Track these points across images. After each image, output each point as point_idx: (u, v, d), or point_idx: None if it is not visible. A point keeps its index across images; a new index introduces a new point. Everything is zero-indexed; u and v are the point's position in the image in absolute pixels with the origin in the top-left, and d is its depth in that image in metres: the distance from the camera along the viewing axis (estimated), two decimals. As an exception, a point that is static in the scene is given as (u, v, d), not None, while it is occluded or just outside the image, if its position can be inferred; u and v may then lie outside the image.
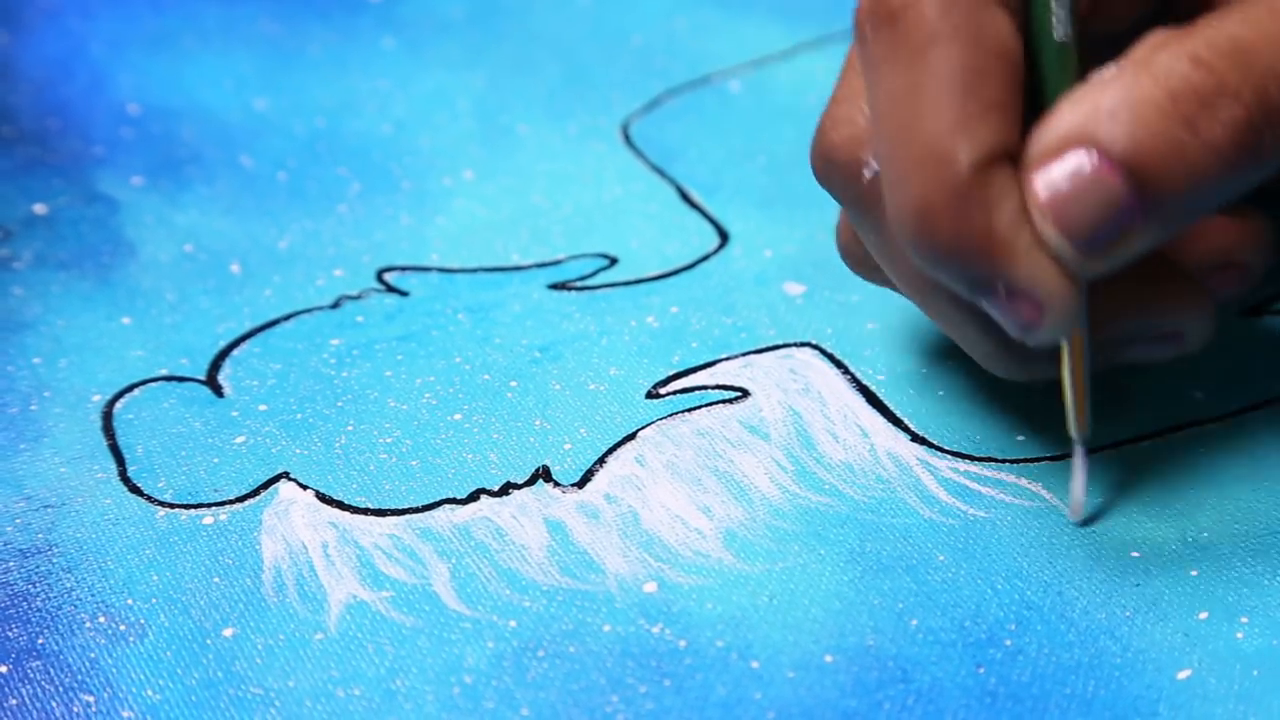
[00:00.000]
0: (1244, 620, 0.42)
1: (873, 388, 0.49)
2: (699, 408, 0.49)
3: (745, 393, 0.49)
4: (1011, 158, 0.42)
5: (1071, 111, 0.41)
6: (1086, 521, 0.45)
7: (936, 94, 0.41)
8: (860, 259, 0.48)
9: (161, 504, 0.47)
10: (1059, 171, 0.41)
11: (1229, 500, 0.45)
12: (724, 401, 0.49)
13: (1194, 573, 0.44)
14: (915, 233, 0.42)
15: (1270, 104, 0.41)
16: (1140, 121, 0.40)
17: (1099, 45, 0.43)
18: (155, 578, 0.45)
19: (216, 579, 0.45)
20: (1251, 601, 0.43)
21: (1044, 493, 0.46)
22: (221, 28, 0.65)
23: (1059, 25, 0.43)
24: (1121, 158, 0.40)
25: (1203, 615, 0.43)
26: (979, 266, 0.42)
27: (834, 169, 0.45)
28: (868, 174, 0.44)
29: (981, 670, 0.42)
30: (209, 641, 0.43)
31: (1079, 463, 0.45)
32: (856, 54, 0.45)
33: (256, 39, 0.65)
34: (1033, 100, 0.42)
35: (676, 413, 0.49)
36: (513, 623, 0.43)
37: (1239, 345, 0.50)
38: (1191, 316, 0.45)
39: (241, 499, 0.47)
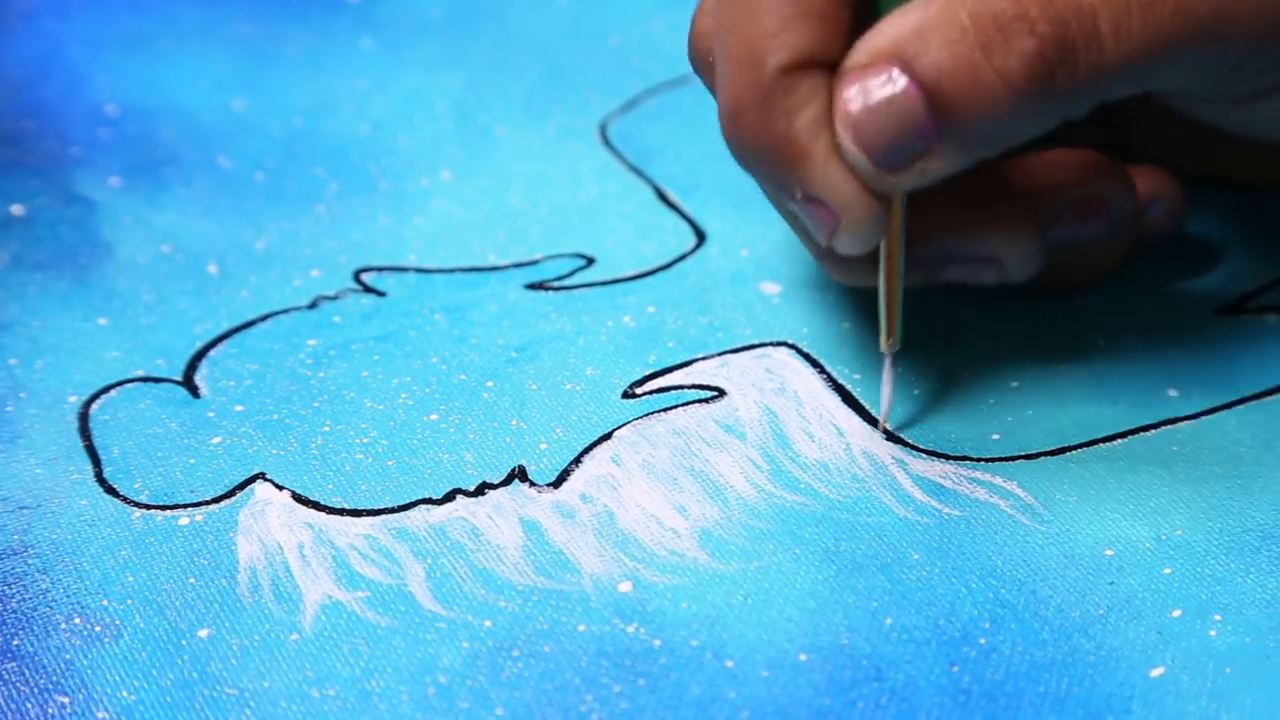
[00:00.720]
0: (1217, 618, 0.42)
1: (848, 387, 0.49)
2: (675, 407, 0.49)
3: (721, 392, 0.49)
4: (830, 66, 0.42)
5: (890, 27, 0.42)
6: (1058, 522, 0.45)
7: None
8: None
9: (137, 505, 0.47)
10: (865, 85, 0.42)
11: (1203, 498, 0.45)
12: (700, 401, 0.49)
13: (1167, 571, 0.44)
14: (727, 130, 0.43)
15: (1065, 39, 0.41)
16: (944, 44, 0.41)
17: None
18: (131, 579, 0.45)
19: (192, 580, 0.45)
20: (1225, 599, 0.43)
21: (1019, 491, 0.46)
22: (199, 28, 0.65)
23: None
24: (923, 78, 0.41)
25: (1176, 613, 0.43)
26: (778, 169, 0.43)
27: (695, 54, 0.47)
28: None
29: (955, 669, 0.42)
30: (184, 642, 0.43)
31: (887, 375, 0.46)
32: None
33: (234, 39, 0.65)
34: (871, 13, 0.43)
35: (652, 412, 0.49)
36: (488, 623, 0.43)
37: (1213, 344, 0.50)
38: (1011, 241, 0.46)
39: (217, 500, 0.47)
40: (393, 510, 0.46)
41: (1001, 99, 0.41)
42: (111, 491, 0.47)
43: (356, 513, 0.46)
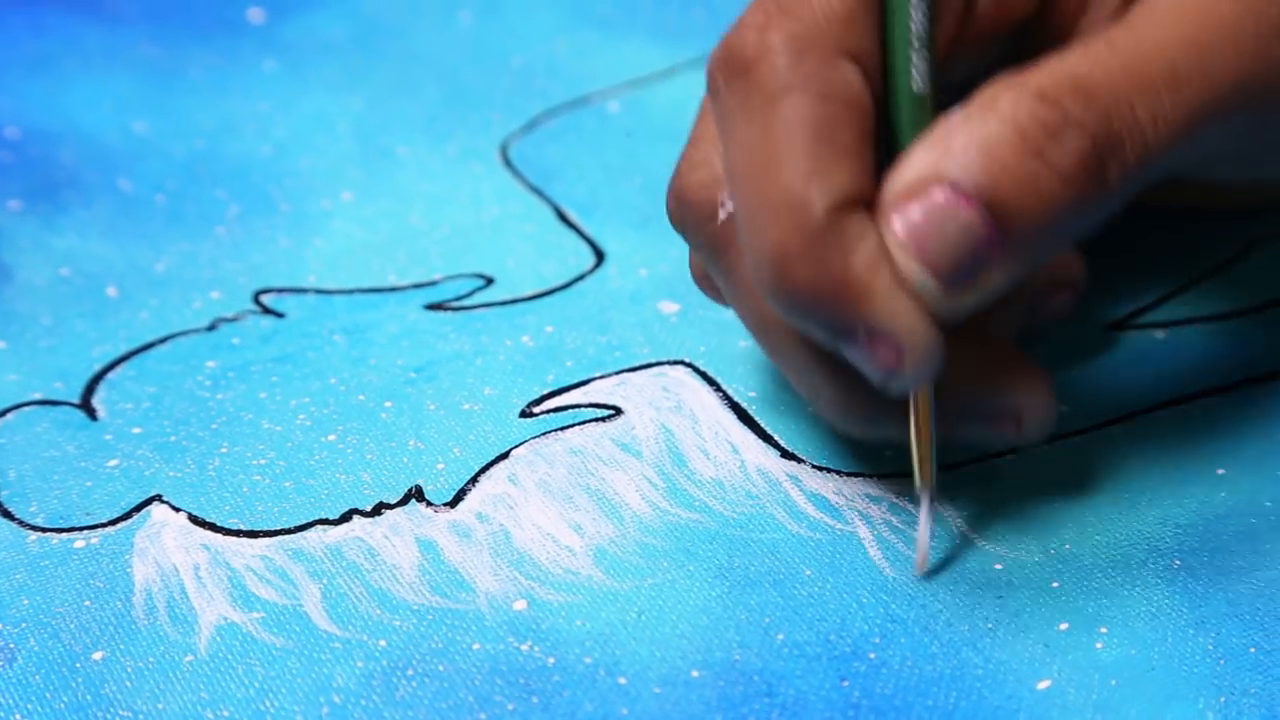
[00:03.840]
0: (1103, 630, 0.43)
1: (744, 405, 0.50)
2: (572, 426, 0.49)
3: (618, 411, 0.50)
4: (865, 204, 0.42)
5: (924, 154, 0.42)
6: (948, 537, 0.46)
7: (789, 142, 0.42)
8: (715, 291, 0.48)
9: (33, 528, 0.47)
10: (916, 208, 0.41)
11: (1090, 512, 0.46)
12: (597, 420, 0.49)
13: (1055, 585, 0.44)
14: (773, 279, 0.42)
15: (1112, 132, 0.42)
16: (992, 156, 0.41)
17: (950, 94, 0.44)
18: (25, 602, 0.45)
19: (87, 602, 0.45)
20: (1111, 612, 0.43)
21: (910, 507, 0.46)
22: (102, 50, 0.65)
23: (918, 77, 0.43)
24: (975, 190, 0.41)
25: (1063, 626, 0.43)
26: (838, 310, 0.42)
27: (688, 210, 0.46)
28: (723, 214, 0.45)
29: (845, 683, 0.42)
30: (79, 665, 0.43)
31: (925, 515, 0.45)
32: (709, 104, 0.45)
33: (136, 61, 0.65)
34: (889, 152, 0.43)
35: (550, 431, 0.49)
36: (383, 642, 0.43)
37: (1102, 360, 0.51)
38: (1032, 395, 0.46)
39: (113, 522, 0.47)
40: (289, 531, 0.46)
41: (1062, 197, 0.41)
42: (7, 514, 0.47)
43: (253, 534, 0.46)
